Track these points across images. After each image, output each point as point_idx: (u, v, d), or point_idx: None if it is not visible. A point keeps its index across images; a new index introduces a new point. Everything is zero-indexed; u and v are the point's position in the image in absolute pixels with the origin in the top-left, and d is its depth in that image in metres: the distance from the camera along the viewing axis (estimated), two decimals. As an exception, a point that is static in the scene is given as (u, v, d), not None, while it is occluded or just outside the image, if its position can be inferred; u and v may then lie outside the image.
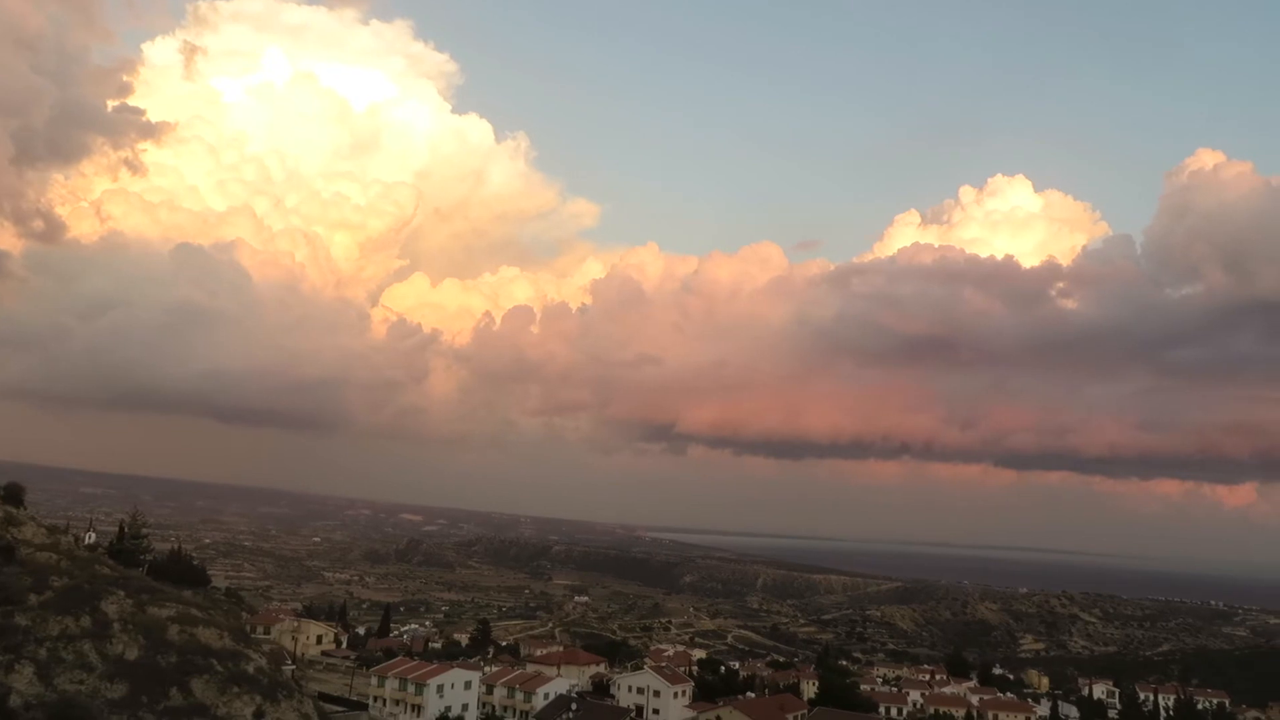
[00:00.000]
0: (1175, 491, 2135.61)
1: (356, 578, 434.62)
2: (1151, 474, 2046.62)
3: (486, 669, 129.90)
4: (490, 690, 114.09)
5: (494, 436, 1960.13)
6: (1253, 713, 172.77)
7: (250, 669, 34.97)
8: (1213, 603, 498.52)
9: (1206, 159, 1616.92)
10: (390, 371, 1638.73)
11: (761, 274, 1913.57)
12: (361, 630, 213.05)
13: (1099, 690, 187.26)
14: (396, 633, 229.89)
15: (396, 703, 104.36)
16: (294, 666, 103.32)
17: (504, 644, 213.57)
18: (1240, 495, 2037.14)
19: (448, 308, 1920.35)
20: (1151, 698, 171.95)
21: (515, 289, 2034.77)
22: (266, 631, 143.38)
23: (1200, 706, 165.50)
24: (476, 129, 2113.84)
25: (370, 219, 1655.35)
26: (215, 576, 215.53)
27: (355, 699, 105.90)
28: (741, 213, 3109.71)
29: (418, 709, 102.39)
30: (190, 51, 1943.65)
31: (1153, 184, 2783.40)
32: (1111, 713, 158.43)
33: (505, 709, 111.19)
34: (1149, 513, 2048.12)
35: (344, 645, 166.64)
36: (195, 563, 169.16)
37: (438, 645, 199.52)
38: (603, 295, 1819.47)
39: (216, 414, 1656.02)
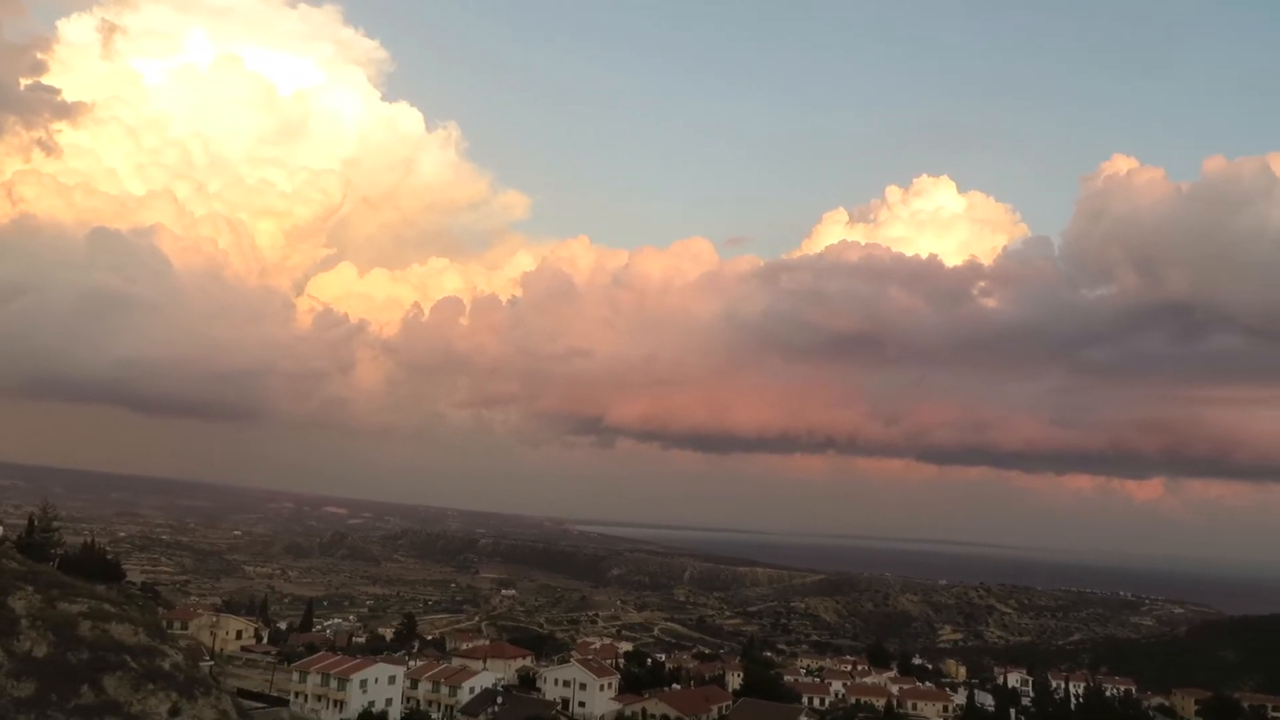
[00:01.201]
0: (1088, 486, 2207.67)
1: (278, 572, 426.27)
2: (1065, 469, 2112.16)
3: (411, 663, 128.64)
4: (415, 685, 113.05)
5: (421, 429, 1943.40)
6: (1157, 699, 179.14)
7: (166, 665, 34.13)
8: (1121, 593, 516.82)
9: (1121, 164, 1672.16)
10: (315, 362, 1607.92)
11: (692, 269, 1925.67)
12: (283, 625, 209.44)
13: (1014, 679, 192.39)
14: (319, 627, 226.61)
15: (318, 698, 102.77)
16: (212, 662, 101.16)
17: (430, 638, 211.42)
18: (1149, 490, 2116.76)
19: (375, 298, 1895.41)
20: (1063, 685, 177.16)
21: (445, 280, 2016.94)
22: (184, 627, 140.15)
23: (1108, 693, 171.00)
24: (407, 117, 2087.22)
25: (296, 206, 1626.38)
26: (130, 571, 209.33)
27: (276, 695, 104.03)
28: (673, 207, 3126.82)
29: (340, 704, 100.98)
30: (109, 30, 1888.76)
31: (1071, 187, 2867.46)
32: (1025, 700, 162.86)
33: (430, 703, 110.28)
34: (1063, 506, 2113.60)
35: (265, 640, 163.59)
36: (109, 557, 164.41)
37: (362, 640, 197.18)
38: (533, 288, 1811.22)
39: (133, 404, 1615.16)
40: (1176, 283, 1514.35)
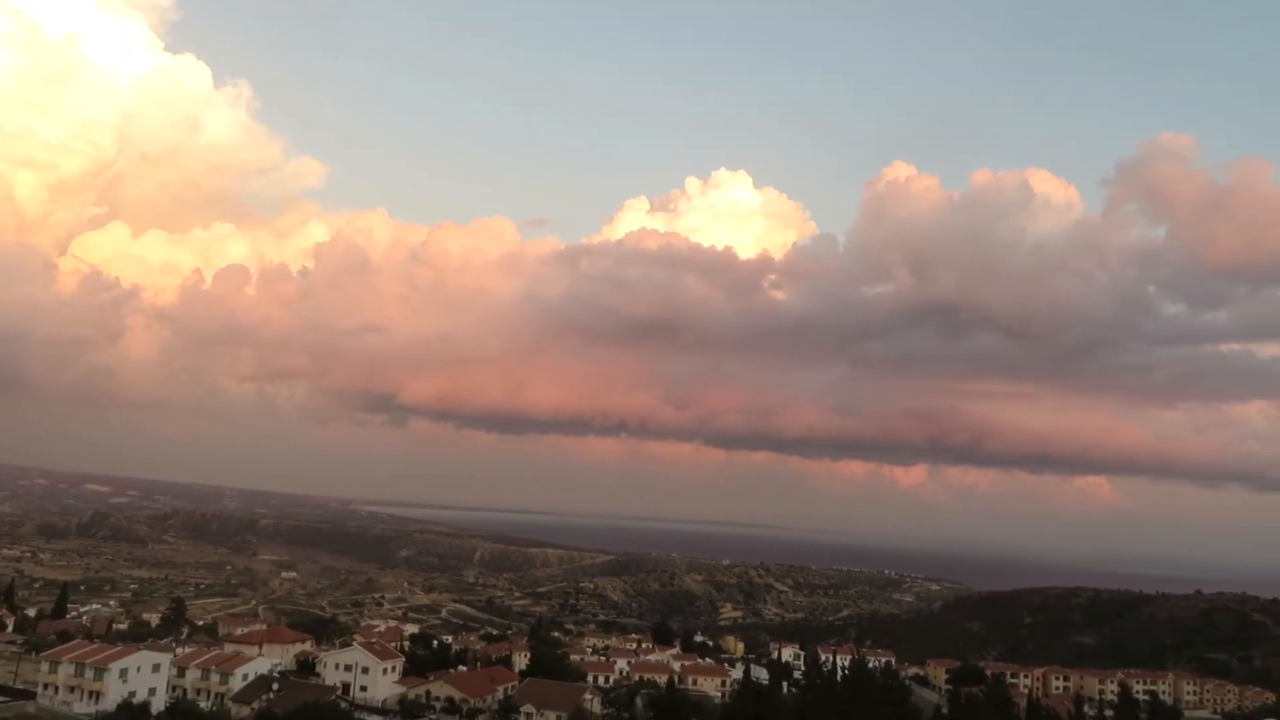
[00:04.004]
0: (860, 471, 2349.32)
1: (28, 554, 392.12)
2: (841, 455, 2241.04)
3: (179, 650, 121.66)
4: (182, 673, 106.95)
5: (198, 403, 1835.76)
6: (914, 669, 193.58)
7: (-112, 657, 30.92)
8: (886, 572, 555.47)
9: (901, 171, 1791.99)
10: (78, 328, 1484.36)
11: (493, 248, 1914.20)
12: (32, 612, 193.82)
13: (787, 653, 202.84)
14: (75, 614, 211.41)
15: (71, 690, 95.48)
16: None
17: (201, 624, 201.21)
18: (914, 476, 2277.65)
19: (150, 262, 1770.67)
20: (831, 658, 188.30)
21: (229, 247, 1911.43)
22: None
23: (871, 665, 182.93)
24: (193, 71, 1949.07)
25: (63, 159, 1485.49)
26: None
27: (21, 687, 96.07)
28: (475, 184, 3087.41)
29: (96, 695, 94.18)
30: None
31: (856, 190, 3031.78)
32: (796, 673, 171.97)
33: (199, 692, 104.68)
34: (837, 490, 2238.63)
35: (10, 629, 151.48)
36: None
37: (123, 626, 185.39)
38: (326, 259, 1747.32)
39: None
40: (945, 284, 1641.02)
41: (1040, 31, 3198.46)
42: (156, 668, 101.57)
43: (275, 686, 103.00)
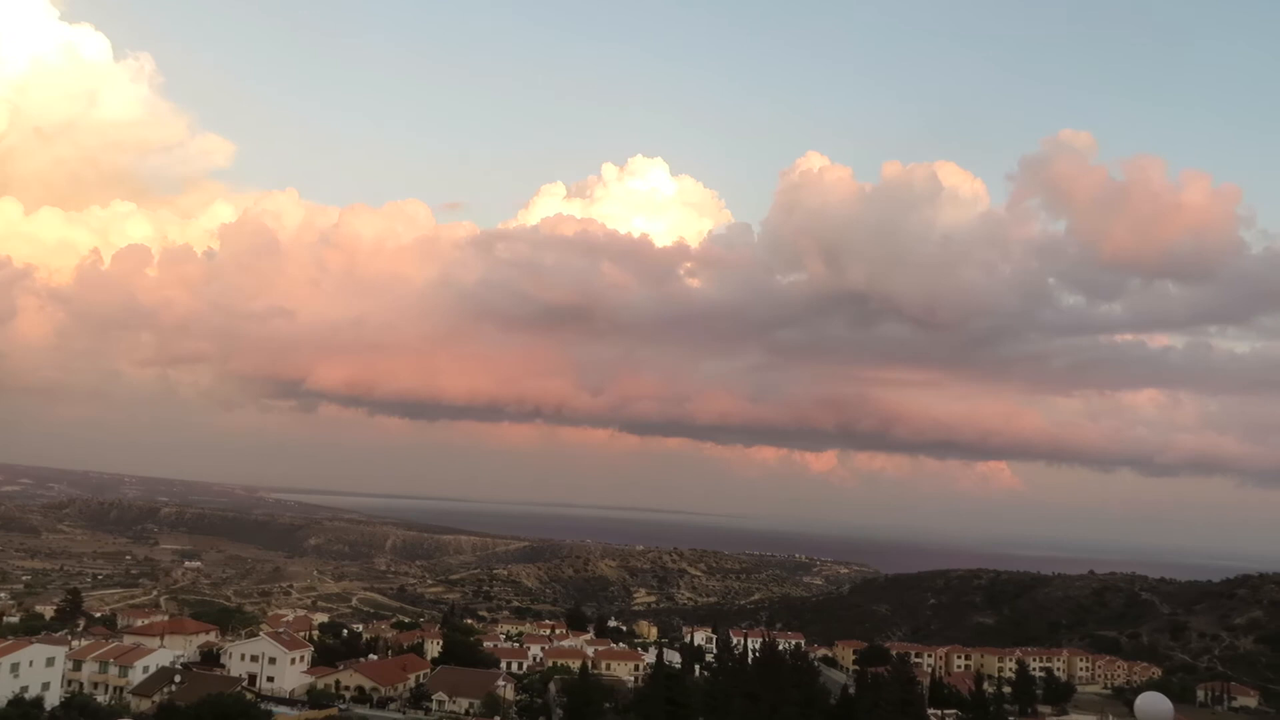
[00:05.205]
0: (772, 457, 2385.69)
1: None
2: (754, 441, 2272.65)
3: (75, 643, 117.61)
4: (79, 666, 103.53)
5: (95, 388, 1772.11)
6: (823, 650, 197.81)
7: None
8: (797, 556, 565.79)
9: (814, 161, 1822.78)
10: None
11: (407, 232, 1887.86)
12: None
13: (700, 637, 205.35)
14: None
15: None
16: None
17: (99, 615, 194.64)
18: (824, 461, 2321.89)
19: (45, 240, 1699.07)
20: (742, 641, 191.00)
21: (130, 226, 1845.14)
22: None
23: (781, 647, 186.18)
24: (91, 43, 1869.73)
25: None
26: None
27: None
28: (389, 166, 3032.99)
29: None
30: None
31: (771, 179, 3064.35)
32: (709, 656, 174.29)
33: (97, 685, 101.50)
34: (750, 476, 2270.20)
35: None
36: None
37: (15, 619, 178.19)
38: (233, 241, 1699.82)
39: None
40: (856, 274, 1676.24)
41: (950, 29, 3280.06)
42: (50, 661, 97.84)
43: (178, 678, 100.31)
